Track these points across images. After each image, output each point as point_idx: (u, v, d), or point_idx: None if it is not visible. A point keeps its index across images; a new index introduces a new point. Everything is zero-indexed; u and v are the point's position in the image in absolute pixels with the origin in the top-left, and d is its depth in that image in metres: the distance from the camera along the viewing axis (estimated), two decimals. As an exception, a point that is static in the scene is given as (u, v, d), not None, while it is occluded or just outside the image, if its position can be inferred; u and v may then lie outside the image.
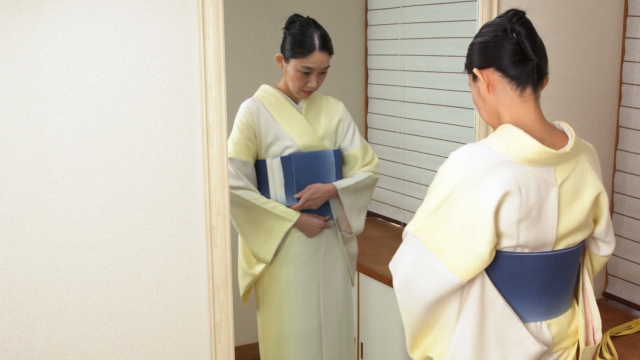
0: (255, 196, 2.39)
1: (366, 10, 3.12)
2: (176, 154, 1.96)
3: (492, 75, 1.55)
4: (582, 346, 1.64)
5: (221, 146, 1.97)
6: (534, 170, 1.49)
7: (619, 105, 2.76)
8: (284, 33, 2.41)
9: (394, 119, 3.08)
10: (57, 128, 1.83)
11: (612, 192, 2.81)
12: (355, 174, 2.57)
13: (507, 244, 1.52)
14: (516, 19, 1.53)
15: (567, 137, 1.57)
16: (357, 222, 2.56)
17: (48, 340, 1.91)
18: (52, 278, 1.89)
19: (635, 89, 2.70)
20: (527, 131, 1.52)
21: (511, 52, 1.52)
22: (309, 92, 2.43)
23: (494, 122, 1.60)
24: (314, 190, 2.44)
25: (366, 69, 3.15)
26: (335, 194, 2.48)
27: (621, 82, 2.74)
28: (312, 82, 2.40)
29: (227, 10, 1.99)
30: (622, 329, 2.56)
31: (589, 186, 1.55)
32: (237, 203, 2.37)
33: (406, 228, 1.58)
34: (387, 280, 2.73)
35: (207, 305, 2.06)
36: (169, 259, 2.00)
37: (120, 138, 1.90)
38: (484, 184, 1.47)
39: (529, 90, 1.55)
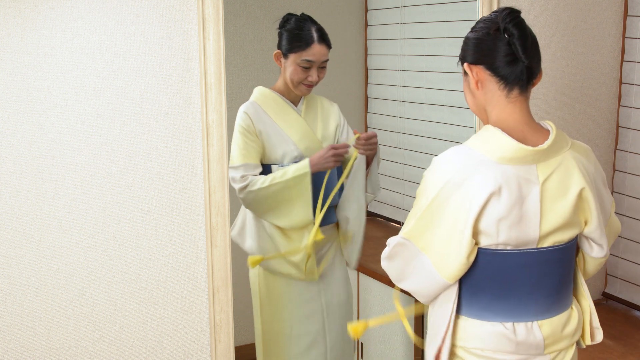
0: (264, 179, 2.35)
1: (366, 10, 3.12)
2: (176, 154, 1.96)
3: (481, 72, 1.57)
4: (587, 342, 1.69)
5: (221, 146, 1.97)
6: (513, 169, 1.51)
7: (619, 105, 2.76)
8: (280, 32, 2.41)
9: (394, 119, 3.08)
10: (57, 128, 1.83)
11: (611, 192, 2.81)
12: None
13: (487, 242, 1.53)
14: (510, 18, 1.53)
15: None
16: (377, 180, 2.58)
17: (48, 340, 1.91)
18: (52, 278, 1.89)
19: (635, 89, 2.70)
20: (509, 131, 1.55)
21: (502, 52, 1.53)
22: (309, 86, 2.41)
23: (482, 116, 1.64)
24: (375, 137, 2.44)
25: (366, 69, 3.15)
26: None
27: (621, 82, 2.74)
28: (313, 76, 2.38)
29: (227, 10, 1.99)
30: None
31: (574, 183, 1.55)
32: (256, 196, 2.33)
33: (399, 233, 1.63)
34: (387, 280, 2.73)
35: (207, 305, 2.06)
36: (169, 259, 2.00)
37: (120, 138, 1.90)
38: (465, 185, 1.50)
39: (515, 92, 1.56)
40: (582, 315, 1.69)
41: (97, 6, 1.82)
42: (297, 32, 2.35)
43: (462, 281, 1.60)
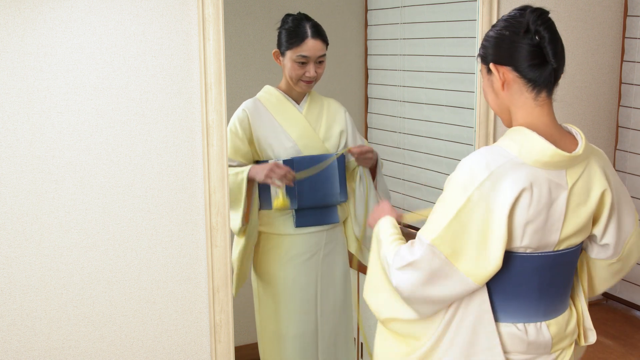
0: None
1: (366, 10, 3.12)
2: (176, 154, 1.96)
3: (508, 73, 1.53)
4: (582, 343, 1.68)
5: (221, 146, 1.97)
6: (546, 173, 1.48)
7: (619, 105, 2.76)
8: (279, 32, 2.43)
9: (394, 119, 3.08)
10: (57, 128, 1.83)
11: (612, 192, 2.81)
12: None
13: (509, 245, 1.51)
14: (541, 21, 1.49)
15: (576, 140, 1.56)
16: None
17: (48, 340, 1.91)
18: (52, 278, 1.89)
19: (635, 89, 2.70)
20: (540, 134, 1.51)
21: (531, 54, 1.49)
22: (308, 82, 2.42)
23: (504, 116, 1.59)
24: (372, 150, 2.49)
25: (366, 69, 3.15)
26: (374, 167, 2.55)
27: (621, 82, 2.74)
28: (311, 72, 2.39)
29: (227, 10, 1.99)
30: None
31: (596, 187, 1.55)
32: None
33: (420, 234, 1.55)
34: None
35: (207, 305, 2.06)
36: (169, 259, 2.00)
37: (120, 138, 1.90)
38: (498, 187, 1.46)
39: (544, 94, 1.53)
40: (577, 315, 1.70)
41: (97, 6, 1.82)
42: (292, 30, 2.38)
43: None
